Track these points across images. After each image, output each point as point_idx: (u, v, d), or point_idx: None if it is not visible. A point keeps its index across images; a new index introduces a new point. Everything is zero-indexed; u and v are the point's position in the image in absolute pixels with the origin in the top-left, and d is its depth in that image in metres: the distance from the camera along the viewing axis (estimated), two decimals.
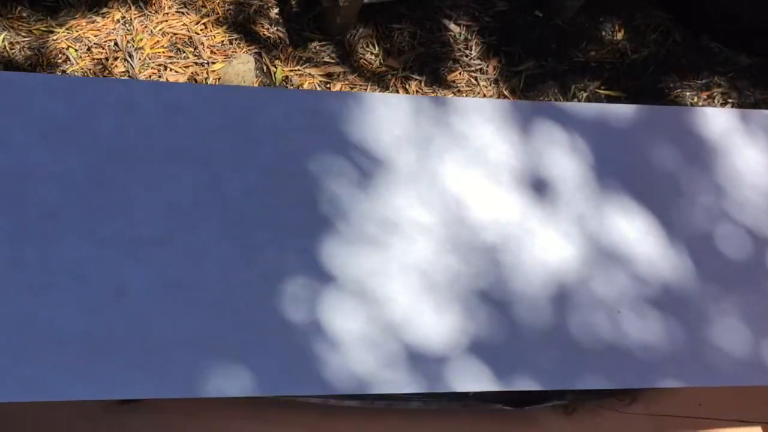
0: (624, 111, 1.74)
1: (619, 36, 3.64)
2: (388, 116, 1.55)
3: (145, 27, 3.24)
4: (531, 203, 1.60)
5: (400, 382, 1.36)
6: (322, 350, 1.33)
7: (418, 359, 1.39)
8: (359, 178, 1.46)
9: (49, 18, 3.20)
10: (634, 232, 1.63)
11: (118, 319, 1.28)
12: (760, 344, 1.58)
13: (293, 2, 3.42)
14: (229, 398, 1.36)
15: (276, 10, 3.40)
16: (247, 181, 1.41)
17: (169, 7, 3.31)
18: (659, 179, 1.69)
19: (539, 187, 1.62)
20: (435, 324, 1.43)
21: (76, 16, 3.22)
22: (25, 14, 3.19)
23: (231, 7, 3.35)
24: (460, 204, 1.54)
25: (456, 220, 1.52)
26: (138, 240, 1.33)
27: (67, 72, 3.09)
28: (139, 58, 3.17)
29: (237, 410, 1.94)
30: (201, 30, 3.28)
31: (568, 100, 3.42)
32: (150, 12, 3.28)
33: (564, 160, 1.66)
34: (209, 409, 1.92)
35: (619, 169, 1.68)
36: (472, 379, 1.40)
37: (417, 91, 3.32)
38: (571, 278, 1.55)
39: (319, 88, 3.25)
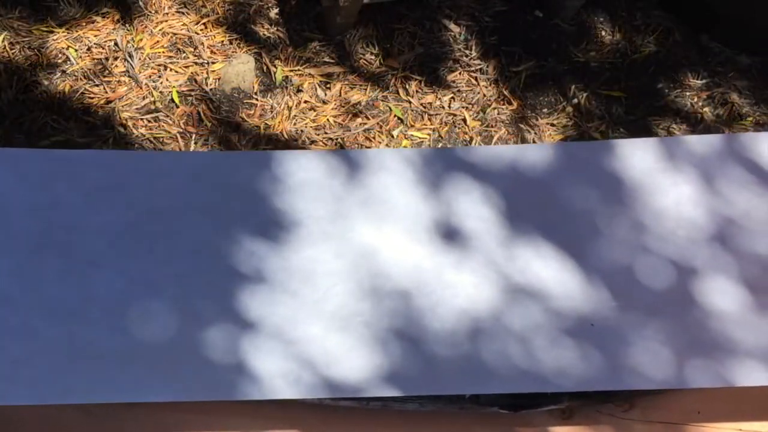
0: (535, 152, 1.80)
1: (619, 36, 3.64)
2: (301, 177, 1.76)
3: (145, 27, 3.25)
4: (443, 249, 1.70)
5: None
6: (247, 383, 1.59)
7: (335, 390, 1.59)
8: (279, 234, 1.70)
9: (49, 18, 3.20)
10: (548, 269, 1.70)
11: (142, 338, 1.57)
12: (679, 359, 1.66)
13: (293, 2, 3.42)
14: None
15: (276, 10, 3.40)
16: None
17: (169, 7, 3.31)
18: (574, 217, 1.75)
19: (451, 233, 1.72)
20: (351, 360, 1.60)
21: (76, 16, 3.22)
22: (25, 14, 3.19)
23: (231, 7, 3.35)
24: (372, 253, 1.68)
25: (369, 268, 1.67)
26: (161, 277, 1.63)
27: (67, 71, 3.09)
28: (139, 58, 3.17)
29: (232, 408, 1.95)
30: (201, 30, 3.29)
31: (567, 101, 3.43)
32: (150, 12, 3.28)
33: (475, 205, 1.75)
34: (204, 406, 1.94)
35: (532, 211, 1.75)
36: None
37: (417, 91, 3.32)
38: (485, 314, 1.65)
39: (319, 89, 3.25)
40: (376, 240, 1.71)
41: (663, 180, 1.82)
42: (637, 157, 1.82)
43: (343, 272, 1.69)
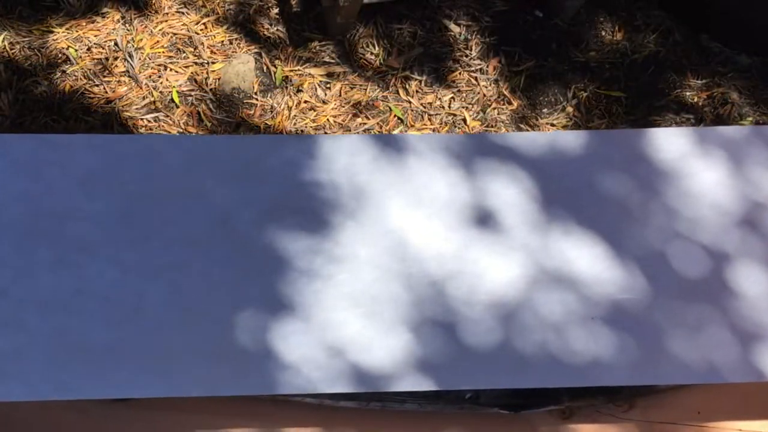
0: (569, 138, 1.79)
1: (619, 36, 3.64)
2: (306, 161, 1.72)
3: (145, 27, 3.25)
4: (476, 235, 1.68)
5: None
6: (279, 365, 1.55)
7: (364, 377, 1.55)
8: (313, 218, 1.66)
9: (49, 18, 3.20)
10: (582, 255, 1.68)
11: (135, 331, 1.53)
12: (714, 349, 1.63)
13: (293, 2, 3.42)
14: (224, 396, 1.65)
15: (276, 10, 3.40)
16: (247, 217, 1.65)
17: (169, 7, 3.31)
18: (609, 204, 1.73)
19: (483, 219, 1.70)
20: (382, 345, 1.57)
21: (76, 16, 3.22)
22: (25, 14, 3.19)
23: (231, 7, 3.35)
24: (404, 237, 1.65)
25: (401, 252, 1.64)
26: (156, 266, 1.58)
27: (67, 72, 3.09)
28: (139, 58, 3.17)
29: (232, 408, 1.95)
30: (201, 30, 3.29)
31: (567, 101, 3.43)
32: (150, 12, 3.28)
33: (507, 191, 1.73)
34: (204, 406, 1.93)
35: (566, 196, 1.73)
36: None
37: (417, 91, 3.32)
38: (517, 300, 1.62)
39: (319, 89, 3.25)
40: (406, 225, 1.67)
41: (695, 165, 1.81)
42: (670, 143, 1.81)
43: (366, 257, 1.65)
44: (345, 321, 1.59)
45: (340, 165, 1.72)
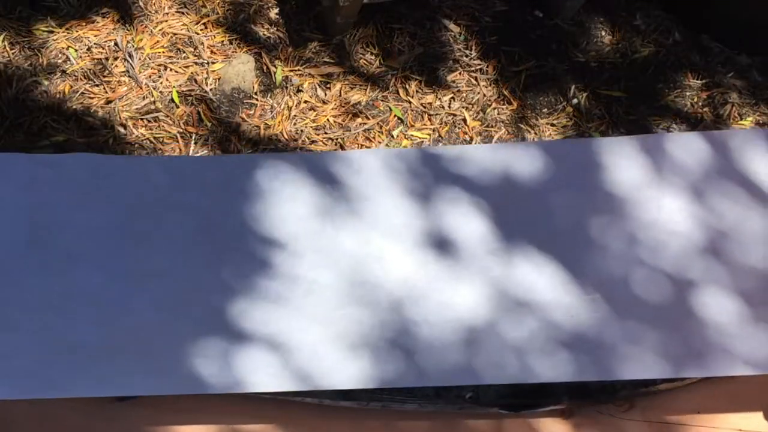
0: (526, 151, 1.83)
1: (619, 36, 3.64)
2: (286, 180, 1.79)
3: (145, 27, 3.25)
4: (433, 257, 1.72)
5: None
6: (226, 376, 1.60)
7: (302, 377, 1.61)
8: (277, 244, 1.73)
9: (49, 18, 3.20)
10: (542, 280, 1.72)
11: (122, 332, 1.59)
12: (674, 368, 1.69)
13: (293, 2, 3.42)
14: (224, 395, 1.72)
15: (276, 10, 3.40)
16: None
17: (169, 7, 3.31)
18: (567, 229, 1.77)
19: (441, 241, 1.74)
20: (343, 368, 1.62)
21: (76, 16, 3.22)
22: (25, 14, 3.19)
23: (231, 7, 3.35)
24: (363, 262, 1.71)
25: (360, 278, 1.70)
26: (142, 272, 1.66)
27: (67, 71, 3.09)
28: (139, 58, 3.17)
29: (231, 407, 1.95)
30: (201, 30, 3.29)
31: (567, 101, 3.43)
32: (150, 12, 3.28)
33: (464, 212, 1.77)
34: (202, 406, 1.94)
35: (521, 215, 1.77)
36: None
37: (417, 91, 3.32)
38: (479, 324, 1.66)
39: (319, 89, 3.25)
40: (364, 247, 1.74)
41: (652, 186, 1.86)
42: (627, 156, 1.85)
43: (328, 276, 1.71)
44: (307, 342, 1.66)
45: (301, 183, 1.80)
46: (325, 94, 3.25)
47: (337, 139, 3.16)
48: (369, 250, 1.72)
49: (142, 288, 1.65)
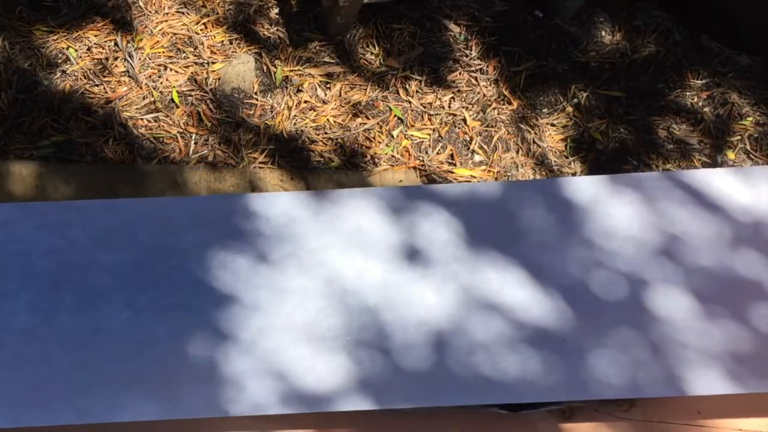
0: (490, 188, 2.05)
1: (619, 36, 3.64)
2: (283, 217, 2.00)
3: (145, 27, 3.25)
4: (408, 269, 1.91)
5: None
6: (227, 392, 1.77)
7: (307, 400, 1.77)
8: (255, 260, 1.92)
9: (49, 18, 3.20)
10: (507, 284, 1.90)
11: (148, 364, 1.77)
12: (635, 369, 1.83)
13: (293, 2, 3.42)
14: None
15: (276, 10, 3.40)
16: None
17: (169, 7, 3.31)
18: (532, 242, 1.96)
19: (414, 255, 1.94)
20: (322, 370, 1.78)
21: (76, 16, 3.22)
22: (25, 14, 3.19)
23: (231, 7, 3.35)
24: (340, 273, 1.90)
25: (337, 287, 1.88)
26: (164, 307, 1.83)
27: (67, 71, 3.09)
28: (139, 58, 3.17)
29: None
30: (201, 30, 3.29)
31: (567, 101, 3.43)
32: (150, 12, 3.28)
33: (438, 233, 1.96)
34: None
35: (491, 238, 1.96)
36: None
37: (417, 91, 3.32)
38: (448, 326, 1.83)
39: (319, 89, 3.25)
40: (349, 266, 1.92)
41: (611, 203, 2.05)
42: (588, 190, 2.06)
43: (320, 295, 1.88)
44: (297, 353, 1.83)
45: (295, 219, 2.00)
46: (325, 94, 3.25)
47: (337, 139, 3.16)
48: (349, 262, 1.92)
49: (163, 322, 1.83)
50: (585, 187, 2.06)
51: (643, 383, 1.82)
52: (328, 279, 1.91)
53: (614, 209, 2.04)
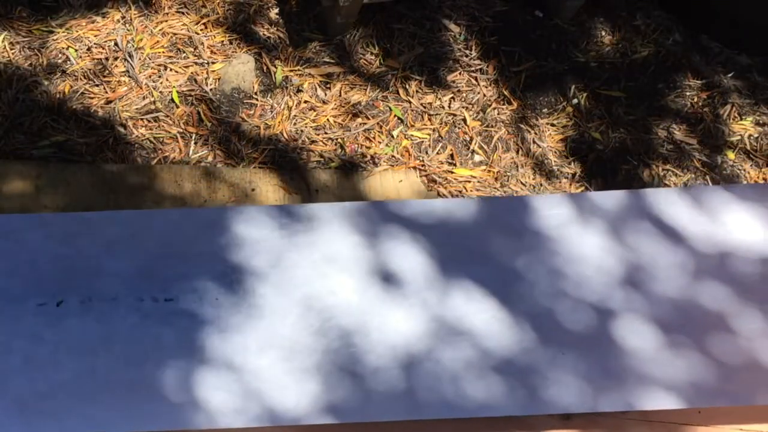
0: (462, 206, 2.09)
1: (619, 36, 3.64)
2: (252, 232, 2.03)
3: (145, 27, 3.25)
4: (379, 291, 1.94)
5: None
6: (203, 415, 1.79)
7: (279, 421, 1.78)
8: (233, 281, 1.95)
9: (49, 18, 3.20)
10: (475, 310, 1.93)
11: (156, 370, 1.79)
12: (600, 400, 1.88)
13: (293, 2, 3.42)
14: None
15: (276, 10, 3.40)
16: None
17: (169, 7, 3.31)
18: (499, 265, 2.00)
19: (387, 277, 1.97)
20: (295, 392, 1.81)
21: (76, 16, 3.22)
22: (25, 14, 3.19)
23: (231, 7, 3.35)
24: (314, 295, 1.93)
25: (310, 307, 1.91)
26: (170, 313, 1.87)
27: (67, 71, 3.09)
28: (139, 58, 3.17)
29: None
30: (201, 30, 3.29)
31: (567, 101, 3.43)
32: (150, 12, 3.28)
33: (408, 254, 1.99)
34: None
35: (460, 259, 1.99)
36: None
37: (417, 91, 3.32)
38: (419, 350, 1.87)
39: (319, 89, 3.25)
40: (322, 284, 1.95)
41: (577, 231, 2.07)
42: (554, 211, 2.09)
43: (296, 312, 1.91)
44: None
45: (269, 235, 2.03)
46: (325, 94, 3.25)
47: (336, 139, 3.16)
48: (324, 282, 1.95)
49: (170, 326, 1.85)
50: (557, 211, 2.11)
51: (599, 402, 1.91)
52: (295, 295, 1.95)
53: (583, 236, 2.07)
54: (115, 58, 3.16)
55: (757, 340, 1.94)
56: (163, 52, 3.21)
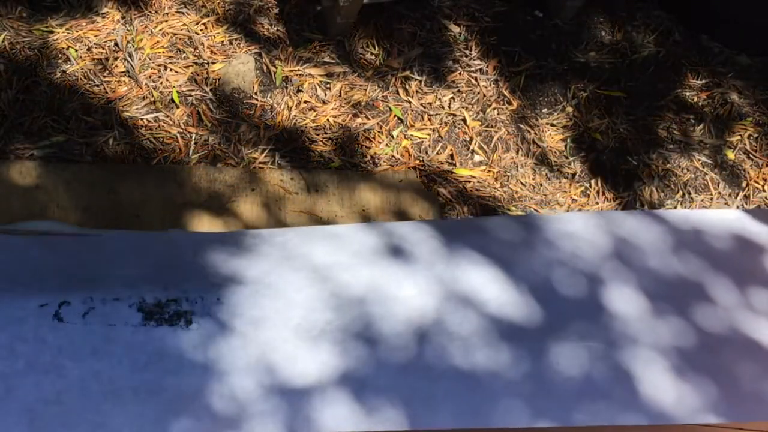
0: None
1: (619, 36, 3.64)
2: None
3: (145, 27, 3.25)
4: (391, 267, 1.98)
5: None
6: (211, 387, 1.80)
7: (293, 393, 1.79)
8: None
9: (49, 18, 3.20)
10: (483, 281, 1.98)
11: (157, 374, 1.78)
12: (593, 369, 1.90)
13: (293, 2, 3.42)
14: None
15: (276, 10, 3.40)
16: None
17: (169, 7, 3.31)
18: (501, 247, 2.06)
19: (396, 253, 2.02)
20: (310, 362, 1.82)
21: (76, 16, 3.22)
22: (25, 14, 3.19)
23: (231, 7, 3.35)
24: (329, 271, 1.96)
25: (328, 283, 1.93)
26: (172, 316, 1.87)
27: (67, 72, 3.09)
28: (139, 58, 3.17)
29: None
30: (201, 30, 3.29)
31: (567, 101, 3.43)
32: (150, 12, 3.28)
33: (414, 231, 2.06)
34: None
35: (465, 240, 2.06)
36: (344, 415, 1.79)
37: (417, 91, 3.32)
38: (429, 319, 1.90)
39: (319, 89, 3.25)
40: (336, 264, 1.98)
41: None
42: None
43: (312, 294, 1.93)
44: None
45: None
46: (325, 94, 3.25)
47: (336, 139, 3.16)
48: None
49: (173, 331, 1.85)
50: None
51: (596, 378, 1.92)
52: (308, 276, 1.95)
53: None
54: (115, 58, 3.16)
55: None
56: (163, 52, 3.21)
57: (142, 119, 3.06)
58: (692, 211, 2.22)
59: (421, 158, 3.19)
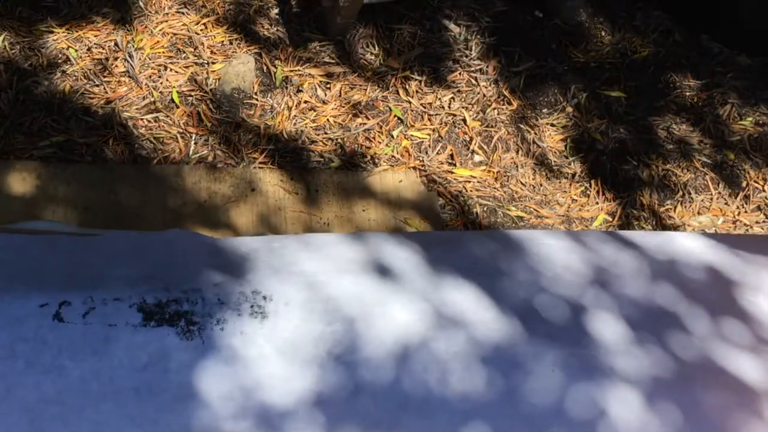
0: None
1: (619, 36, 3.64)
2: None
3: (145, 27, 3.25)
4: (375, 285, 1.96)
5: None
6: (193, 405, 1.78)
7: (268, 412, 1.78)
8: None
9: (49, 18, 3.20)
10: (467, 302, 1.96)
11: (157, 374, 1.78)
12: (570, 391, 1.87)
13: (293, 2, 3.42)
14: None
15: (276, 10, 3.40)
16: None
17: (169, 7, 3.31)
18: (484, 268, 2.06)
19: (384, 272, 2.01)
20: (286, 382, 1.81)
21: (76, 16, 3.22)
22: (25, 14, 3.19)
23: (231, 7, 3.35)
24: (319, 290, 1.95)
25: (315, 302, 1.92)
26: (171, 314, 1.88)
27: (67, 72, 3.09)
28: (139, 58, 3.17)
29: None
30: (201, 30, 3.29)
31: (567, 101, 3.43)
32: (150, 12, 3.28)
33: (400, 250, 2.04)
34: None
35: (448, 262, 2.05)
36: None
37: (417, 91, 3.32)
38: (414, 341, 1.88)
39: (319, 89, 3.25)
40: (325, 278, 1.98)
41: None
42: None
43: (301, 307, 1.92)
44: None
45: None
46: (325, 94, 3.25)
47: (336, 139, 3.16)
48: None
49: (172, 330, 1.85)
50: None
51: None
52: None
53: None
54: (115, 58, 3.16)
55: None
56: (163, 52, 3.21)
57: (142, 119, 3.06)
58: (664, 235, 2.20)
59: (421, 158, 3.19)
